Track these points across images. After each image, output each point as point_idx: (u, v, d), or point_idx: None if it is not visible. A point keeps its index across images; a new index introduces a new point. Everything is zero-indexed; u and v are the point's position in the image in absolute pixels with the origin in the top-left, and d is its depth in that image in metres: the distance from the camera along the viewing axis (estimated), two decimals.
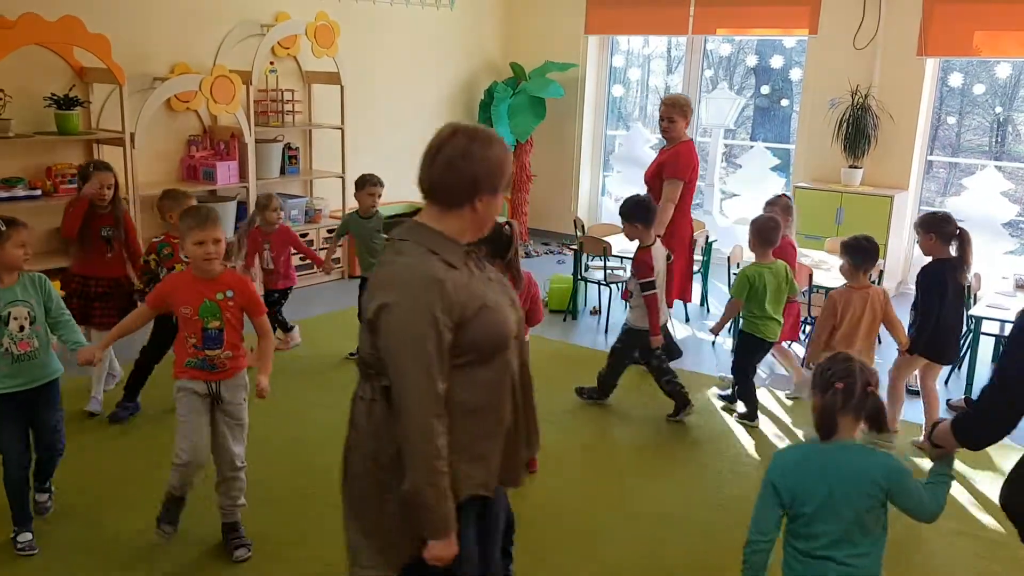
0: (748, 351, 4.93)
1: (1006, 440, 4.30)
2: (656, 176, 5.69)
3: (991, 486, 4.29)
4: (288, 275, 5.86)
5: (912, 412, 4.97)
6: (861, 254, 4.51)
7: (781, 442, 4.70)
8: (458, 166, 2.07)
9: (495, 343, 2.13)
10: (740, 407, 5.05)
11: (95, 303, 4.69)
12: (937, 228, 4.55)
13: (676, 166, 5.56)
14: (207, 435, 3.33)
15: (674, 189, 5.57)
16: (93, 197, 4.60)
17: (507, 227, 3.93)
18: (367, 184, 5.68)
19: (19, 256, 3.29)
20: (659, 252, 4.86)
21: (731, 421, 4.97)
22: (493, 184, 2.11)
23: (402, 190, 7.74)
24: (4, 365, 3.27)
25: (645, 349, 4.90)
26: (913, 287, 7.93)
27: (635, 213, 4.79)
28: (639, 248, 4.84)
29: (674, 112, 5.60)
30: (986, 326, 5.42)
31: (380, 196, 5.74)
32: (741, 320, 5.00)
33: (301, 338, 6.00)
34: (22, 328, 3.29)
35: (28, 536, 3.41)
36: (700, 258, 7.00)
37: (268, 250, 5.70)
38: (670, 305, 5.33)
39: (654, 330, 4.78)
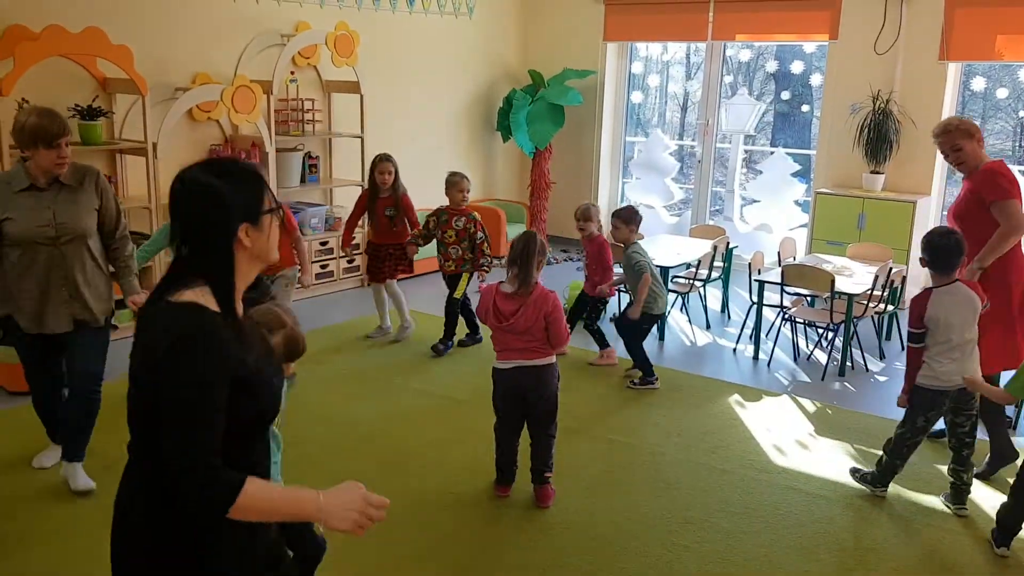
0: None
1: None
2: (963, 215, 4.43)
3: None
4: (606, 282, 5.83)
5: None
6: None
7: (803, 450, 4.66)
8: None
9: (15, 239, 3.65)
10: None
11: (385, 263, 6.20)
12: None
13: (995, 185, 4.29)
14: None
15: (1008, 209, 4.26)
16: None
17: (521, 237, 3.92)
18: (612, 218, 5.70)
19: None
20: (948, 299, 3.86)
21: (754, 428, 4.94)
22: None
23: (422, 197, 7.78)
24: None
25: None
26: None
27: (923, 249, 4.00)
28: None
29: (956, 139, 4.38)
30: None
31: (622, 230, 5.56)
32: None
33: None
34: None
35: None
36: (721, 264, 6.96)
37: (583, 257, 6.03)
38: (991, 369, 4.08)
39: (905, 386, 4.00)
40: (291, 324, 2.67)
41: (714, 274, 6.84)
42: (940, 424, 4.21)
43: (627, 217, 5.58)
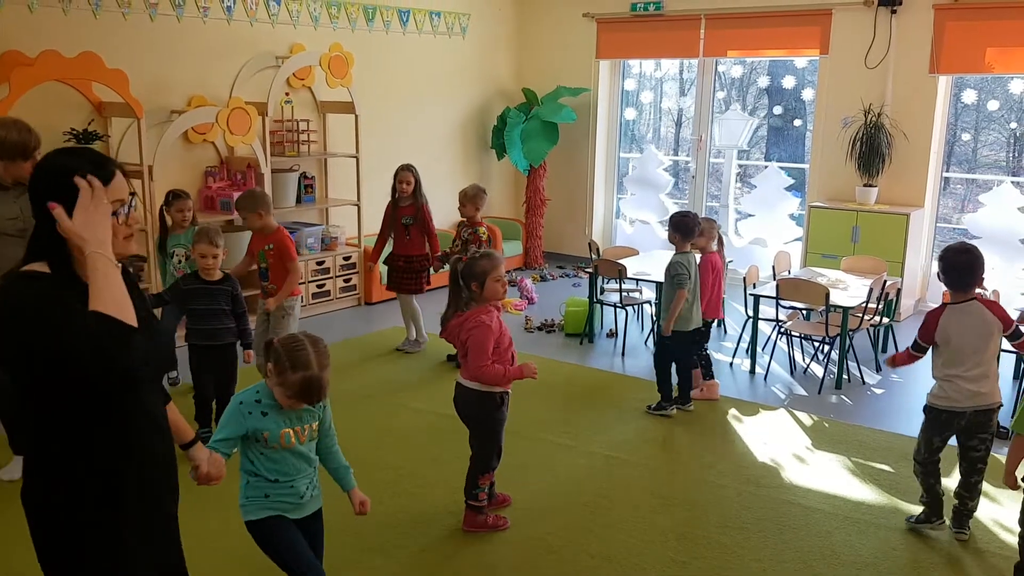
0: None
1: None
2: None
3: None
4: (716, 307, 5.63)
5: None
6: None
7: (800, 464, 4.67)
8: None
9: None
10: None
11: (402, 275, 6.33)
12: None
13: None
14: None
15: None
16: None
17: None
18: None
19: (180, 218, 5.32)
20: (962, 318, 3.76)
21: (751, 442, 4.94)
22: None
23: None
24: (171, 279, 5.27)
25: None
26: (932, 305, 7.90)
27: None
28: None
29: None
30: (1004, 343, 5.35)
31: (670, 235, 5.25)
32: None
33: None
34: (180, 261, 5.32)
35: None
36: None
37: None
38: None
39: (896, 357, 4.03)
40: (315, 369, 2.62)
41: None
42: None
43: (674, 223, 5.21)
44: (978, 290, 3.89)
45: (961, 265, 3.77)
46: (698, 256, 5.44)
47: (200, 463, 2.37)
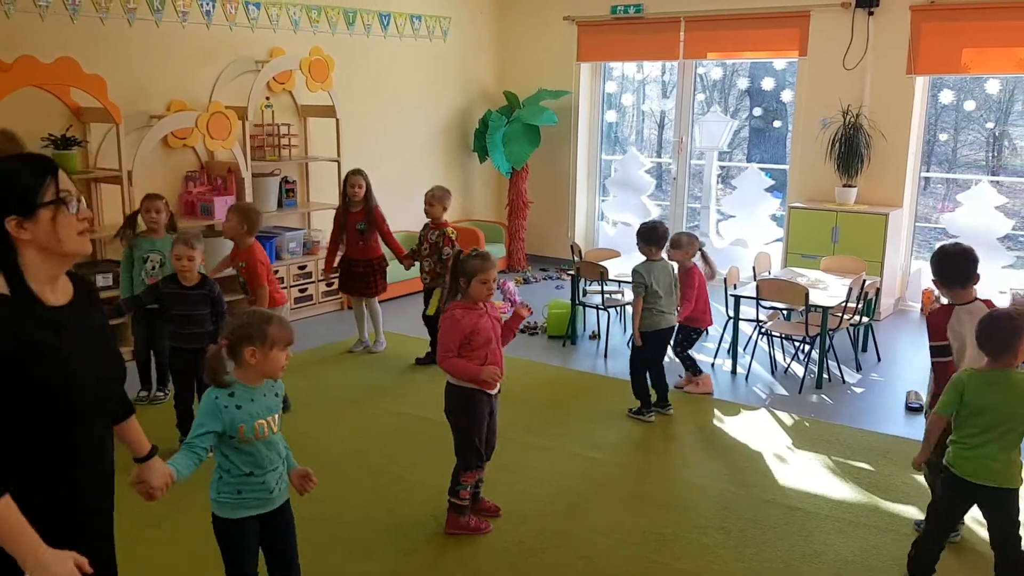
0: (946, 504, 3.37)
1: None
2: None
3: None
4: (702, 316, 5.67)
5: None
6: None
7: (781, 463, 4.69)
8: None
9: None
10: None
11: (357, 280, 6.36)
12: None
13: None
14: None
15: None
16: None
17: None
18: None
19: (149, 219, 5.19)
20: (970, 319, 3.45)
21: (732, 442, 4.96)
22: None
23: (398, 220, 7.81)
24: (140, 286, 5.15)
25: None
26: (912, 304, 7.96)
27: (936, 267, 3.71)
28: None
29: None
30: None
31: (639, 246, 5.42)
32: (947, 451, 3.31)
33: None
34: (154, 267, 5.18)
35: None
36: None
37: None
38: None
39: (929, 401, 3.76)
40: (274, 313, 2.84)
41: None
42: None
43: (639, 232, 5.43)
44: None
45: (957, 255, 3.62)
46: (676, 266, 5.50)
47: (151, 478, 2.35)
